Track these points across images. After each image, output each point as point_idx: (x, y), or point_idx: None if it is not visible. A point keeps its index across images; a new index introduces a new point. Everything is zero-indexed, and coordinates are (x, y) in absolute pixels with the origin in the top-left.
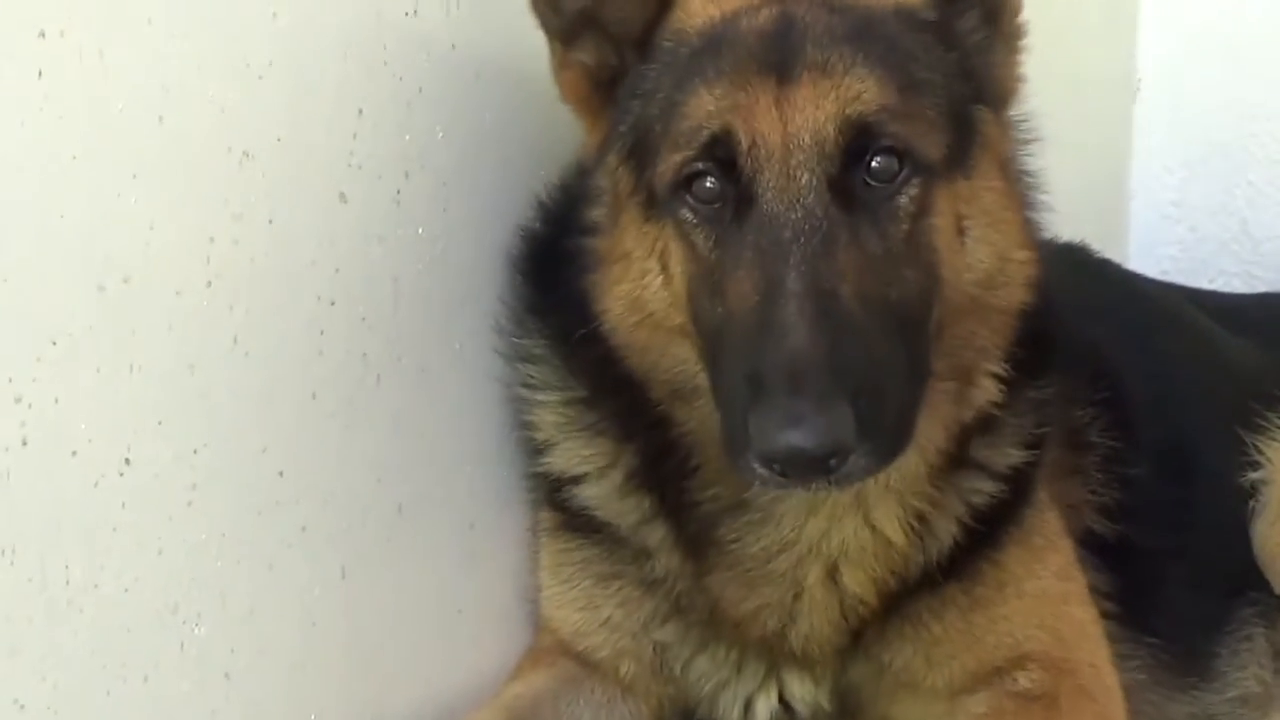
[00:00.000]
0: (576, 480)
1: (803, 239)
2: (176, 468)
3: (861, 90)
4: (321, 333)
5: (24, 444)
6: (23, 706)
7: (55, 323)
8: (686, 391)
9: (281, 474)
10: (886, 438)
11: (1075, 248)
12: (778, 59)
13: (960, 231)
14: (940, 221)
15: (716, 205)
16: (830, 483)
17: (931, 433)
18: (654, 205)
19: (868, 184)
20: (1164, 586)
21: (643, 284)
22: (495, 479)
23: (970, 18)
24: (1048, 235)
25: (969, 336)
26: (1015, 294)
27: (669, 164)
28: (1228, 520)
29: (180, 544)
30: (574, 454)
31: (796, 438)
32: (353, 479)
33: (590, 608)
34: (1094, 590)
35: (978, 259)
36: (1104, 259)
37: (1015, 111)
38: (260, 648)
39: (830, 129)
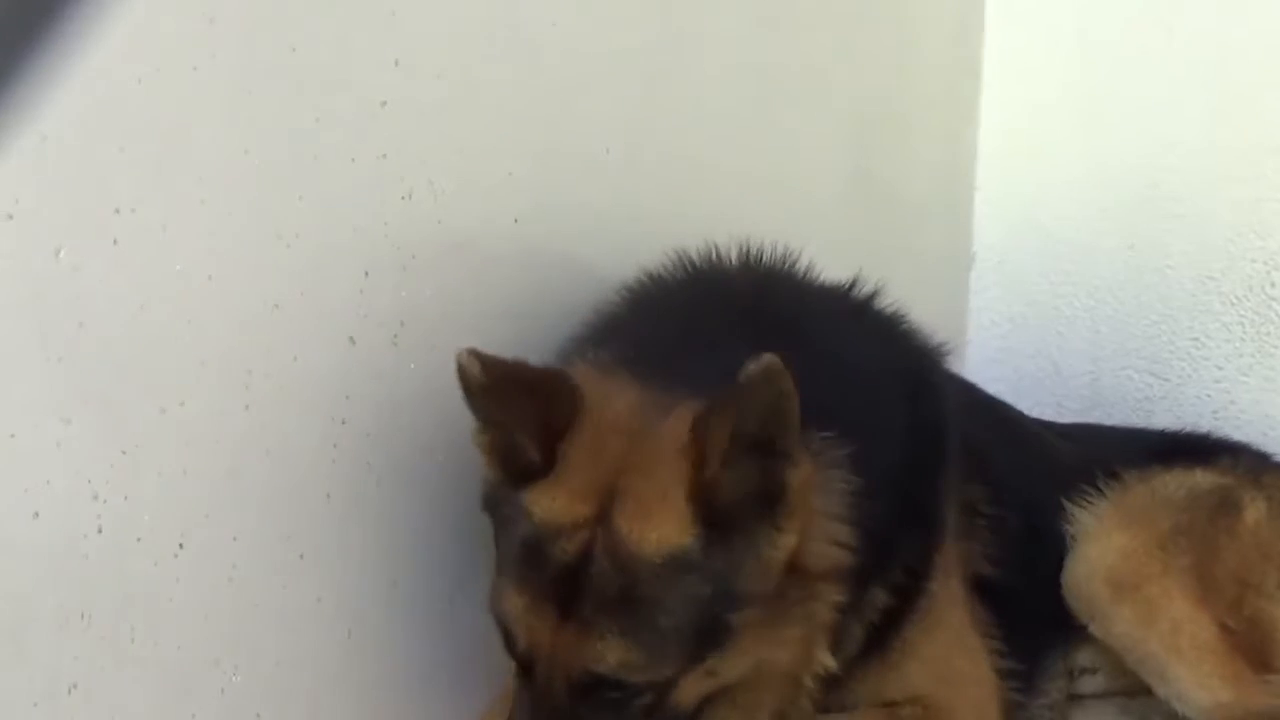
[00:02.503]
0: None
1: (550, 714)
2: (220, 552)
3: (606, 654)
4: (335, 446)
5: (99, 531)
6: None
7: (126, 437)
8: None
9: (302, 556)
10: None
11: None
12: (561, 599)
13: (709, 674)
14: (685, 691)
15: (512, 652)
16: None
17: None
18: None
19: (606, 695)
20: (1015, 617)
21: None
22: (472, 556)
23: (741, 519)
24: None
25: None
26: (781, 675)
27: (491, 597)
28: (1057, 566)
29: (222, 611)
30: None
31: None
32: (357, 560)
33: None
34: (982, 624)
35: (731, 678)
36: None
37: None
38: (284, 693)
39: (578, 672)
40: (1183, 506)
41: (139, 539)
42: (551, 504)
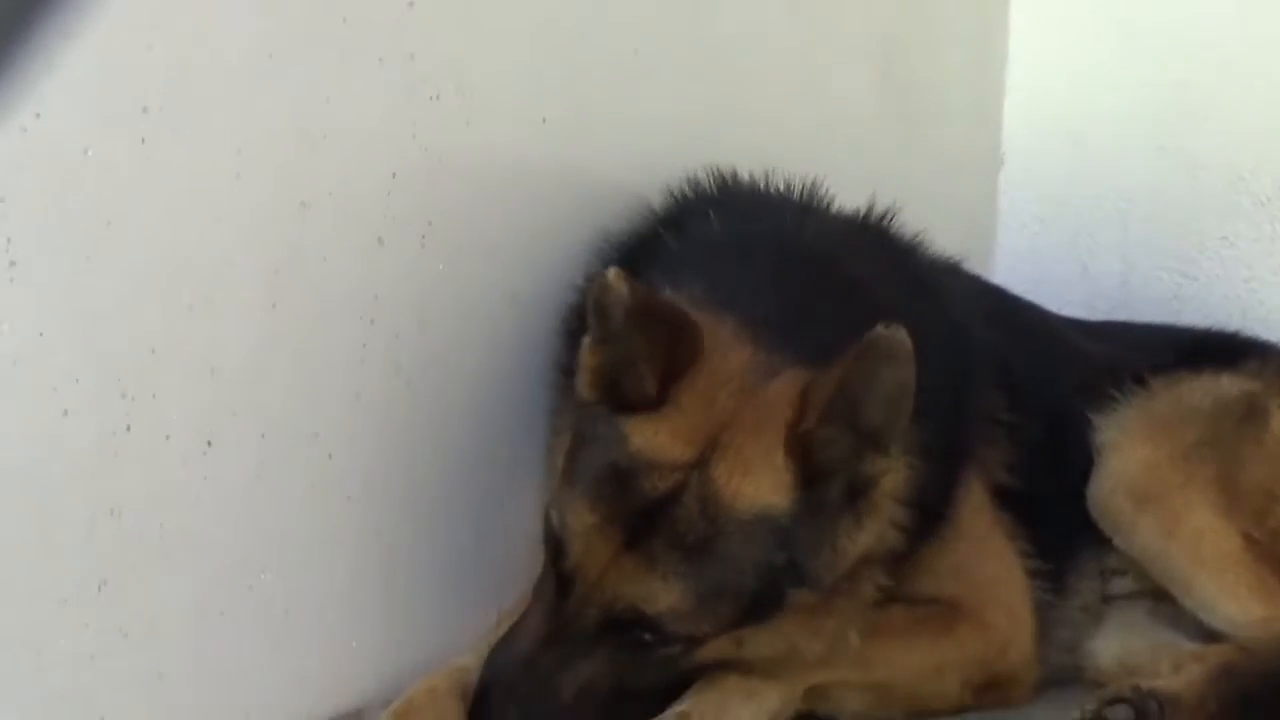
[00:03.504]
0: None
1: (568, 639)
2: (248, 450)
3: (660, 596)
4: (363, 346)
5: (128, 429)
6: (125, 635)
7: (154, 336)
8: None
9: (330, 456)
10: None
11: (954, 265)
12: (636, 529)
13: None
14: (709, 651)
15: (555, 563)
16: None
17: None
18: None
19: (640, 634)
20: (1041, 521)
21: None
22: (501, 457)
23: (829, 493)
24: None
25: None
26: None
27: (554, 501)
28: (1083, 470)
29: (250, 510)
30: None
31: None
32: (387, 460)
33: None
34: (1006, 527)
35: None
36: (976, 275)
37: None
38: (313, 590)
39: (621, 605)
40: (1208, 416)
41: (167, 437)
42: (654, 438)
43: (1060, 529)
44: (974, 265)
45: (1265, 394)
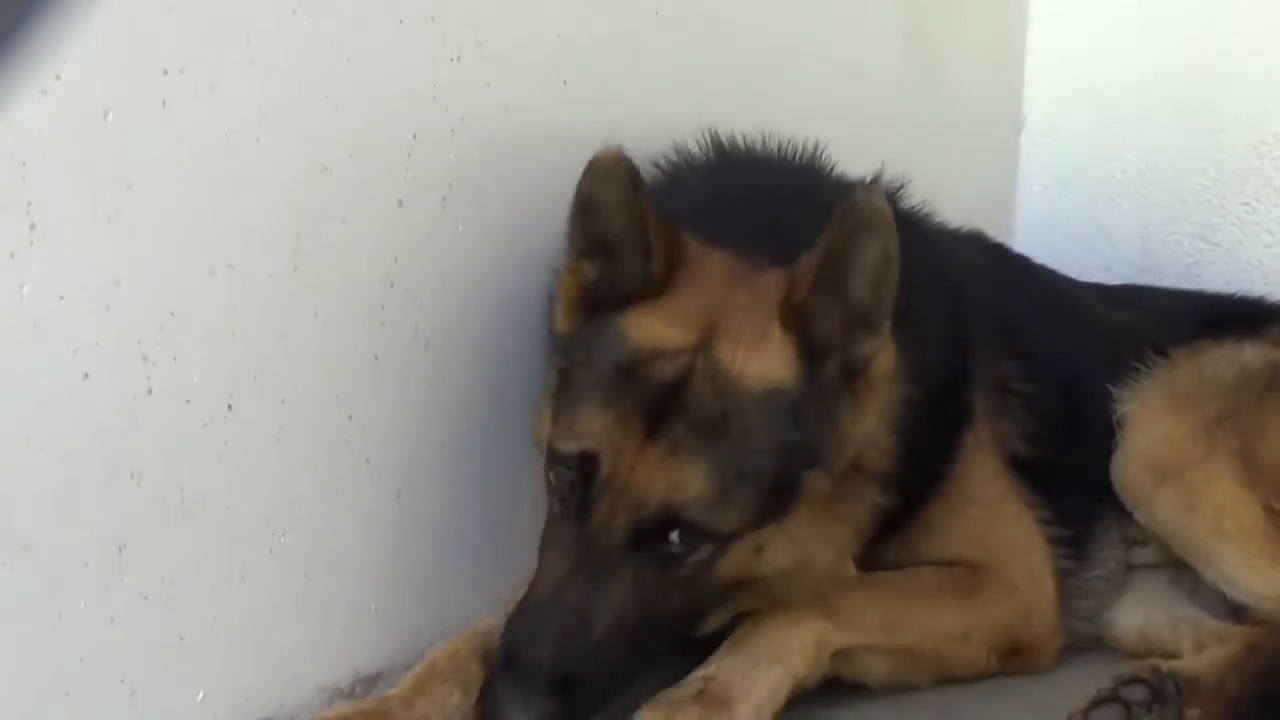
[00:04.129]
0: None
1: (595, 569)
2: (268, 413)
3: (689, 482)
4: (383, 307)
5: (149, 392)
6: (146, 598)
7: (174, 299)
8: None
9: (350, 418)
10: (592, 714)
11: (976, 234)
12: (654, 418)
13: (757, 551)
14: (731, 561)
15: (570, 491)
16: None
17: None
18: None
19: (666, 543)
20: (1060, 491)
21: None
22: (522, 419)
23: (828, 375)
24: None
25: (777, 590)
26: (813, 579)
27: (556, 444)
28: (1103, 440)
29: (271, 472)
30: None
31: (515, 714)
32: (406, 422)
33: None
34: (1024, 495)
35: (774, 566)
36: (998, 243)
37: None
38: (332, 554)
39: (653, 502)
40: (1230, 389)
41: (188, 400)
42: (654, 326)
43: (1081, 498)
44: (994, 229)
45: None
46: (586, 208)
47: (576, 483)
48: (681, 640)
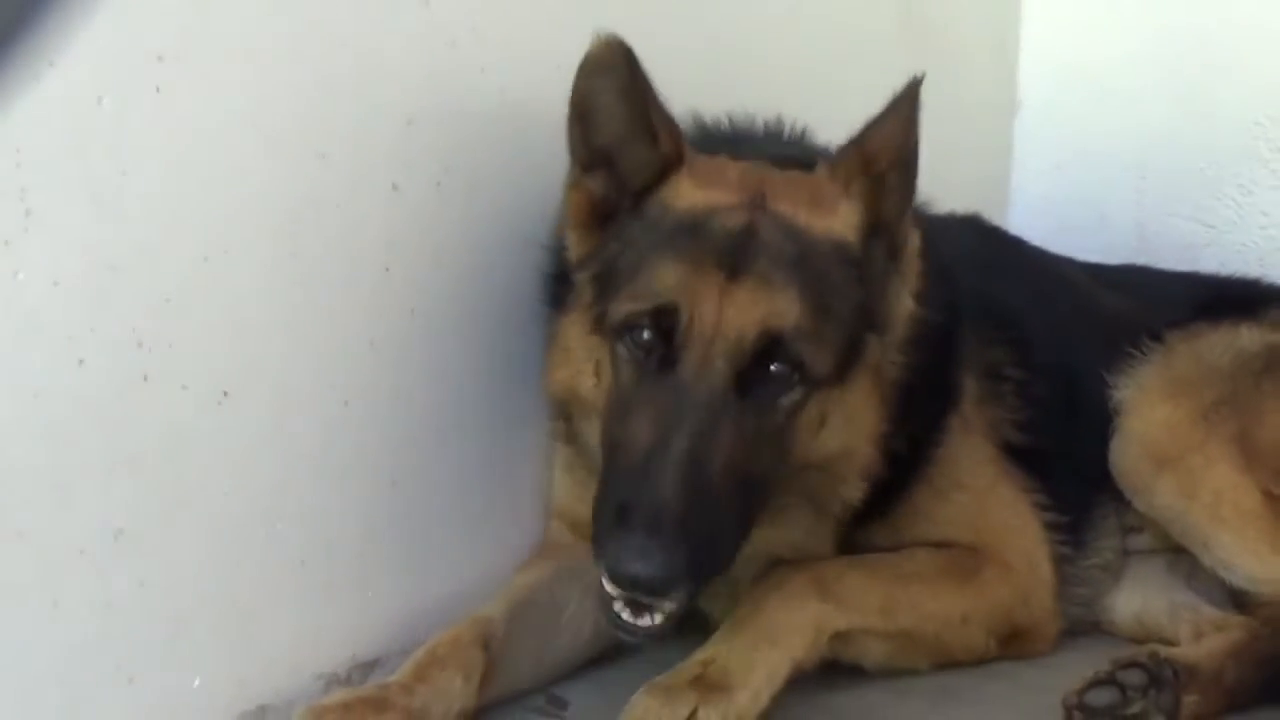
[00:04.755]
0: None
1: (699, 411)
2: (264, 400)
3: (786, 309)
4: (379, 292)
5: (145, 380)
6: (142, 584)
7: (170, 285)
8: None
9: (346, 404)
10: (707, 575)
11: (973, 217)
12: (732, 260)
13: (821, 423)
14: (807, 419)
15: (646, 354)
16: (652, 614)
17: (812, 526)
18: (602, 326)
19: (763, 381)
20: (1055, 478)
21: (578, 377)
22: (518, 404)
23: (878, 249)
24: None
25: (814, 485)
26: (847, 476)
27: (623, 308)
28: (1099, 427)
29: (267, 459)
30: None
31: (640, 568)
32: (402, 409)
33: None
34: (1019, 480)
35: (826, 447)
36: (996, 226)
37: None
38: (328, 541)
39: (752, 332)
40: (1228, 373)
41: (184, 387)
42: (695, 190)
43: (1078, 485)
44: (990, 211)
45: None
46: (584, 112)
47: (654, 341)
48: (759, 514)
